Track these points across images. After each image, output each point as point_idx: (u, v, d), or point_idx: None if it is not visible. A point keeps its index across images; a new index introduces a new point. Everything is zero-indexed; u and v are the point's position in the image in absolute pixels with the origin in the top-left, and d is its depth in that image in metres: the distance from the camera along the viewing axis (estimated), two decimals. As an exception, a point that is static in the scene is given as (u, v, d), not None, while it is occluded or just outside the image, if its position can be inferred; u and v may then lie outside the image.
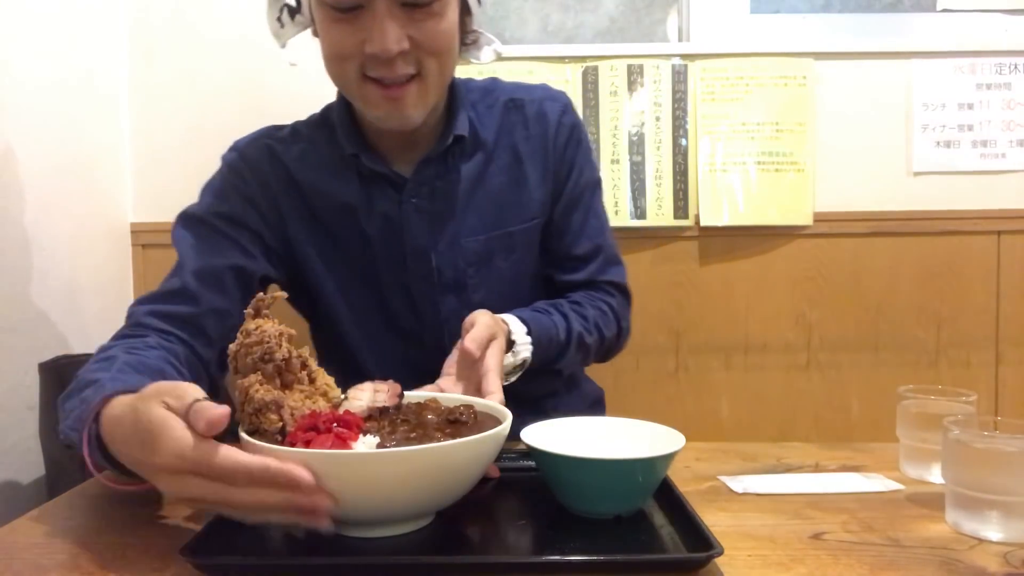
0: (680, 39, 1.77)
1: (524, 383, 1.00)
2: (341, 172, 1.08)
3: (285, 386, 0.74)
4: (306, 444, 0.67)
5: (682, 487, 0.80)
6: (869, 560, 0.67)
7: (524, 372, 1.01)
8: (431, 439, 0.70)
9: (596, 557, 0.66)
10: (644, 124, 1.68)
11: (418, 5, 0.92)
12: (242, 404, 0.71)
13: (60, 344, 1.39)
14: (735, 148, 1.68)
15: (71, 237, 1.46)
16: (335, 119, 1.09)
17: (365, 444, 0.69)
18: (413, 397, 0.82)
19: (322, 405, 0.76)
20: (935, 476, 0.87)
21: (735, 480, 0.88)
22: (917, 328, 1.70)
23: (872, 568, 0.66)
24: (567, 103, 1.17)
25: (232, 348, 0.74)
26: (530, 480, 0.85)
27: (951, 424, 0.75)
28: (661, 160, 1.68)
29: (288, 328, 0.75)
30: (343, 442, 0.68)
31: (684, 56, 1.68)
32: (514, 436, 0.76)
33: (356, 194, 1.07)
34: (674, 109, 1.68)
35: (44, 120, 1.39)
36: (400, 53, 0.93)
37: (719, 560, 0.65)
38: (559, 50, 1.68)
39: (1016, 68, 1.68)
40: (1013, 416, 0.83)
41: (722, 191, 1.68)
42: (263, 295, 0.77)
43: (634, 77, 1.68)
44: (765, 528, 0.75)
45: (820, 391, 1.71)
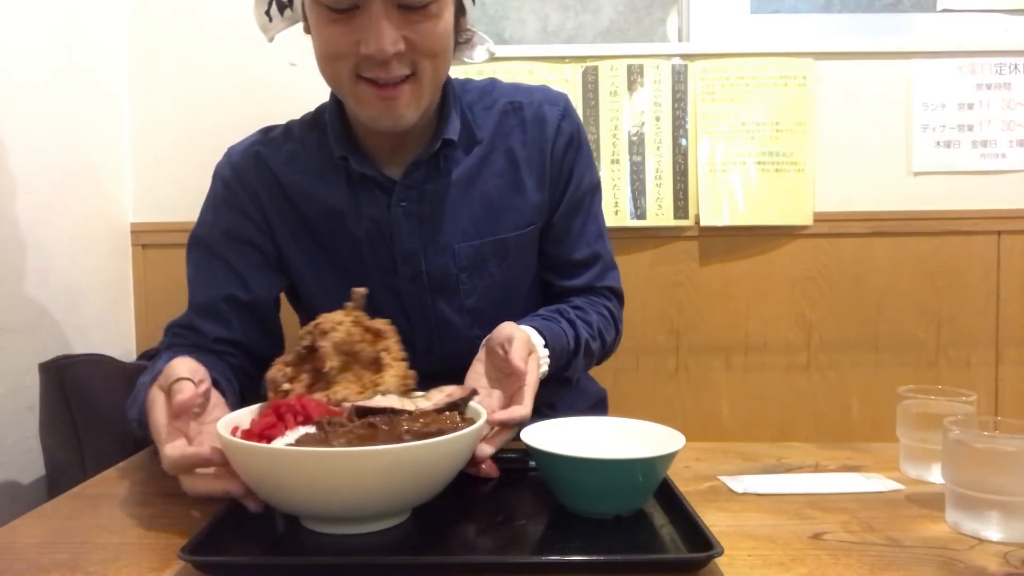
0: (680, 39, 1.77)
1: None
2: (329, 175, 1.07)
3: (316, 370, 0.83)
4: (263, 430, 0.74)
5: (682, 487, 0.80)
6: (869, 560, 0.67)
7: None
8: (375, 443, 0.70)
9: (596, 557, 0.66)
10: (644, 124, 1.68)
11: (414, 7, 0.91)
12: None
13: (60, 344, 1.39)
14: (735, 148, 1.68)
15: (71, 237, 1.45)
16: (326, 119, 1.08)
17: (284, 441, 0.72)
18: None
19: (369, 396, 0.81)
20: (935, 476, 0.87)
21: (735, 480, 0.88)
22: (917, 328, 1.70)
23: (872, 568, 0.66)
24: (567, 106, 1.13)
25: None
26: (530, 480, 0.85)
27: (951, 424, 0.75)
28: (661, 160, 1.68)
29: (349, 322, 0.85)
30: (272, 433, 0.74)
31: (684, 56, 1.68)
32: (514, 436, 0.76)
33: (344, 197, 1.06)
34: (674, 109, 1.68)
35: (44, 120, 1.38)
36: (396, 54, 0.92)
37: (719, 560, 0.65)
38: (559, 50, 1.68)
39: (1016, 68, 1.68)
40: (1013, 416, 0.83)
41: (722, 191, 1.68)
42: (356, 291, 0.87)
43: (634, 77, 1.67)
44: (765, 528, 0.75)
45: (820, 391, 1.70)
